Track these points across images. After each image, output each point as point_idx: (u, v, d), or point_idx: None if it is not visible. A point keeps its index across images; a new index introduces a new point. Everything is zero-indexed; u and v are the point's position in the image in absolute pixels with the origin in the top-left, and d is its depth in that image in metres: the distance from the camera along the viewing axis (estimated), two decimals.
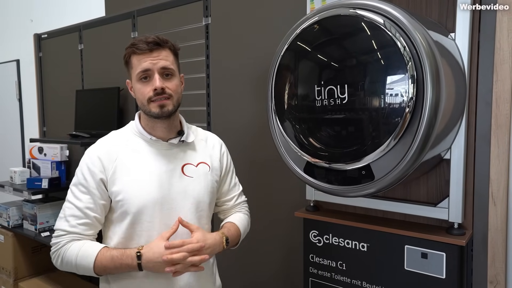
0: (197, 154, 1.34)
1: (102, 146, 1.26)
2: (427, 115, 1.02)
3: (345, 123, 1.14)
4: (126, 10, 2.58)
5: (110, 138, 1.30)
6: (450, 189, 1.28)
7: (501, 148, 1.27)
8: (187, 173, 1.29)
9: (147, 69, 1.19)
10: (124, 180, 1.21)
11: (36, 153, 3.09)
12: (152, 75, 1.20)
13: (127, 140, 1.28)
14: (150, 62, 1.19)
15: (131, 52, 1.22)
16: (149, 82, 1.20)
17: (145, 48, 1.19)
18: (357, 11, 1.12)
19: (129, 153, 1.25)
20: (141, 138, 1.28)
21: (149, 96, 1.20)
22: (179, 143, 1.30)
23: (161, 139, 1.28)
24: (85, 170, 1.23)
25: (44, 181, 2.81)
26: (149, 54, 1.19)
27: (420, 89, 1.02)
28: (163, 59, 1.21)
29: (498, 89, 1.26)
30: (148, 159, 1.25)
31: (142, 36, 1.22)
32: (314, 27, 1.20)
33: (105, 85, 2.73)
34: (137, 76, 1.21)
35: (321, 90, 1.16)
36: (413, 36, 1.03)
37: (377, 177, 1.12)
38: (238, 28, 2.00)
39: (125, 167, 1.23)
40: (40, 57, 3.40)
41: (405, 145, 1.07)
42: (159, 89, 1.19)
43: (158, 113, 1.21)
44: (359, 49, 1.11)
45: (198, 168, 1.31)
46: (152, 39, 1.20)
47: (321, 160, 1.20)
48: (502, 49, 1.24)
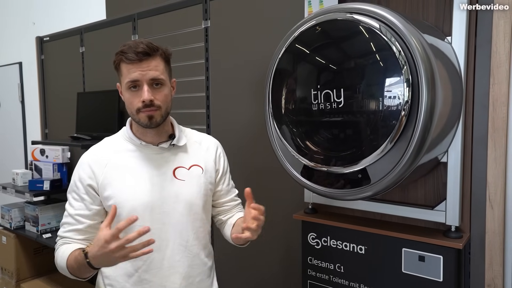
0: (190, 156, 1.33)
1: (93, 153, 1.28)
2: (422, 118, 1.03)
3: (341, 127, 1.14)
4: (127, 13, 2.60)
5: (102, 144, 1.32)
6: (447, 192, 1.29)
7: (498, 151, 1.27)
8: (178, 176, 1.29)
9: (135, 80, 1.18)
10: (115, 185, 1.23)
11: (38, 155, 3.11)
12: (141, 86, 1.18)
13: (118, 146, 1.29)
14: (140, 73, 1.17)
15: (120, 59, 1.20)
16: (138, 92, 1.19)
17: (134, 58, 1.16)
18: (354, 15, 1.13)
19: (120, 159, 1.26)
20: (132, 143, 1.28)
21: (138, 107, 1.19)
22: (170, 146, 1.30)
23: (151, 143, 1.28)
24: (76, 177, 1.26)
25: (46, 183, 2.83)
26: (138, 64, 1.17)
27: (415, 92, 1.03)
28: (153, 69, 1.18)
29: (495, 92, 1.26)
30: (138, 164, 1.26)
31: (132, 42, 1.19)
32: (313, 30, 1.20)
33: (106, 87, 2.74)
34: (126, 85, 1.20)
35: (317, 94, 1.17)
36: (408, 41, 1.04)
37: (373, 180, 1.13)
38: (237, 31, 2.01)
39: (115, 172, 1.24)
40: (42, 60, 3.42)
41: (401, 149, 1.07)
42: (147, 102, 1.18)
43: (147, 123, 1.21)
44: (355, 54, 1.12)
45: (190, 171, 1.31)
46: (141, 49, 1.16)
47: (317, 164, 1.20)
48: (498, 53, 1.24)
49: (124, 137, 1.30)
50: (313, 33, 1.20)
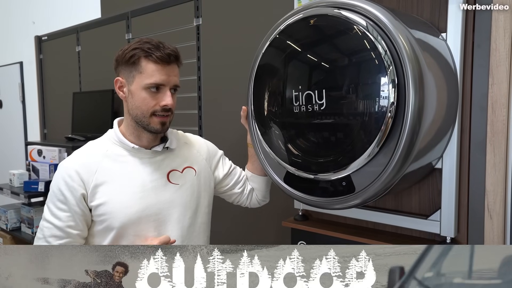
0: (182, 159, 1.28)
1: (79, 158, 1.18)
2: (409, 120, 0.95)
3: (324, 130, 1.07)
4: (121, 11, 2.55)
5: (87, 149, 1.21)
6: (442, 201, 1.20)
7: (497, 157, 1.18)
8: (172, 180, 1.23)
9: (161, 83, 1.13)
10: (106, 193, 1.14)
11: (35, 156, 3.08)
12: (163, 90, 1.14)
13: (107, 150, 1.19)
14: (167, 76, 1.13)
15: (144, 55, 1.12)
16: (158, 95, 1.14)
17: (164, 59, 1.12)
18: (341, 11, 1.04)
19: (110, 164, 1.17)
20: (122, 147, 1.20)
21: (155, 110, 1.14)
22: (164, 150, 1.24)
23: (143, 147, 1.21)
24: (63, 185, 1.13)
25: (41, 184, 2.80)
26: (165, 66, 1.13)
27: (402, 94, 0.95)
28: (176, 75, 1.17)
29: (494, 93, 1.16)
30: (131, 169, 1.18)
31: (152, 40, 1.14)
32: (297, 26, 1.13)
33: (101, 87, 2.70)
34: (145, 85, 1.12)
35: (298, 95, 1.09)
36: (395, 39, 0.96)
37: (358, 188, 1.05)
38: (230, 29, 1.95)
39: (106, 179, 1.15)
40: (41, 59, 3.40)
41: (388, 154, 0.99)
42: (169, 107, 1.15)
43: (158, 129, 1.16)
44: (338, 53, 1.05)
45: (183, 174, 1.26)
46: (171, 51, 1.13)
47: (300, 170, 1.13)
48: (498, 50, 1.14)
49: (113, 141, 1.21)
50: (296, 29, 1.13)
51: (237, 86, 1.93)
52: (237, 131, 1.95)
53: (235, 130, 1.95)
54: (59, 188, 1.14)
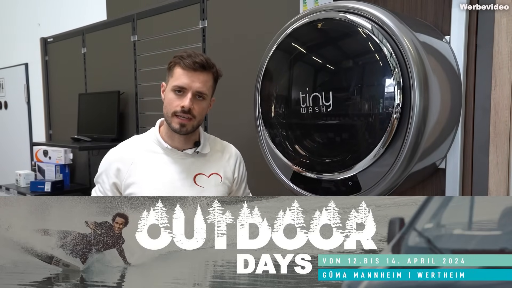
0: (211, 165, 1.36)
1: (120, 150, 1.33)
2: (415, 121, 0.97)
3: (331, 131, 1.09)
4: (126, 13, 2.57)
5: (130, 142, 1.36)
6: None
7: (500, 157, 1.20)
8: (198, 182, 1.32)
9: (183, 86, 1.23)
10: (137, 185, 1.27)
11: (41, 156, 3.12)
12: (185, 93, 1.24)
13: (145, 146, 1.33)
14: (190, 81, 1.23)
15: (177, 63, 1.25)
16: (181, 97, 1.24)
17: (190, 66, 1.22)
18: (347, 15, 1.07)
19: (145, 159, 1.30)
20: (158, 145, 1.32)
21: (175, 110, 1.24)
22: (194, 153, 1.33)
23: (176, 148, 1.31)
24: (103, 169, 1.32)
25: (47, 185, 2.83)
26: (192, 72, 1.23)
27: (407, 95, 0.97)
28: (202, 82, 1.24)
29: (497, 94, 1.19)
30: (162, 167, 1.30)
31: (192, 52, 1.26)
32: (303, 30, 1.15)
33: (107, 88, 2.72)
34: (172, 87, 1.25)
35: (306, 97, 1.11)
36: (400, 42, 0.98)
37: (364, 188, 1.07)
38: (235, 31, 1.97)
39: (139, 172, 1.28)
40: (47, 61, 3.43)
41: (394, 154, 1.02)
42: (186, 109, 1.23)
43: (177, 129, 1.25)
44: (345, 55, 1.07)
45: (210, 179, 1.34)
46: (200, 60, 1.23)
47: (307, 170, 1.15)
48: (500, 53, 1.17)
49: (152, 139, 1.34)
50: (302, 33, 1.15)
51: (243, 88, 1.95)
52: (241, 131, 1.97)
53: (240, 131, 1.98)
54: (101, 172, 1.33)
